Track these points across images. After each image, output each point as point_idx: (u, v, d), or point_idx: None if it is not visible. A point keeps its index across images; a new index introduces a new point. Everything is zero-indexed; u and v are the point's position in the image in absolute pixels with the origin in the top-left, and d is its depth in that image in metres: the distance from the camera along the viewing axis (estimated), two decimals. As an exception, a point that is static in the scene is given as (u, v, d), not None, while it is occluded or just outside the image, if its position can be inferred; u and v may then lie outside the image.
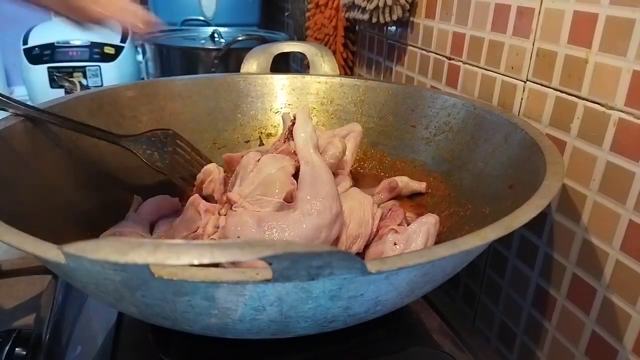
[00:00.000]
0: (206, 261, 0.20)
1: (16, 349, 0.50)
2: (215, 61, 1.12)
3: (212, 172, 0.57)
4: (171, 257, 0.20)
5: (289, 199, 0.47)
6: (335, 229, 0.45)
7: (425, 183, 0.61)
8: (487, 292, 0.65)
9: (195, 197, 0.52)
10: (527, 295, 0.58)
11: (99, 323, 0.48)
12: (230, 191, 0.51)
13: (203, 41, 1.27)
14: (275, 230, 0.43)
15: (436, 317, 0.50)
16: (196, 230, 0.49)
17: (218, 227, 0.48)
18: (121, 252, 0.20)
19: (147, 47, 1.23)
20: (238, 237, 0.43)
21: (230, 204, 0.49)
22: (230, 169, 0.60)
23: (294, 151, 0.51)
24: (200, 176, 0.57)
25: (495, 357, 0.50)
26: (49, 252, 0.29)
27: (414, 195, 0.61)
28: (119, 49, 1.44)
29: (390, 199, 0.60)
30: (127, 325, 0.47)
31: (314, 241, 0.43)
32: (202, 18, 1.49)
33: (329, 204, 0.45)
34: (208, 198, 0.57)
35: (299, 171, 0.54)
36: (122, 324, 0.47)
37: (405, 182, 0.60)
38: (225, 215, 0.50)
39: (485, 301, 0.65)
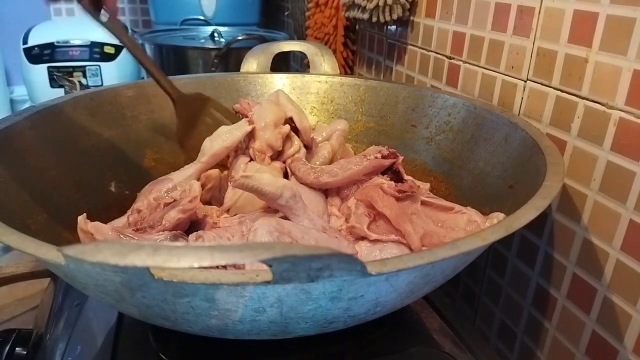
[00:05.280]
0: (206, 264, 0.20)
1: (16, 348, 0.50)
2: (215, 60, 1.12)
3: (213, 179, 0.57)
4: (171, 259, 0.20)
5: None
6: None
7: (429, 184, 0.60)
8: (487, 292, 0.65)
9: None
10: (527, 295, 0.58)
11: (99, 323, 0.48)
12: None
13: (203, 40, 1.26)
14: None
15: (436, 317, 0.50)
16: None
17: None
18: (121, 254, 0.20)
19: (146, 46, 1.23)
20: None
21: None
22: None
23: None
24: (202, 179, 0.57)
25: (495, 357, 0.50)
26: (49, 253, 0.29)
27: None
28: (119, 49, 1.44)
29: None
30: (127, 325, 0.47)
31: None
32: (202, 17, 1.49)
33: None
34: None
35: (286, 172, 0.54)
36: (122, 324, 0.47)
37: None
38: (217, 220, 0.51)
39: (486, 301, 0.65)
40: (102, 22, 0.56)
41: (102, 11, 0.56)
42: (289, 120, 0.57)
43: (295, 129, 0.57)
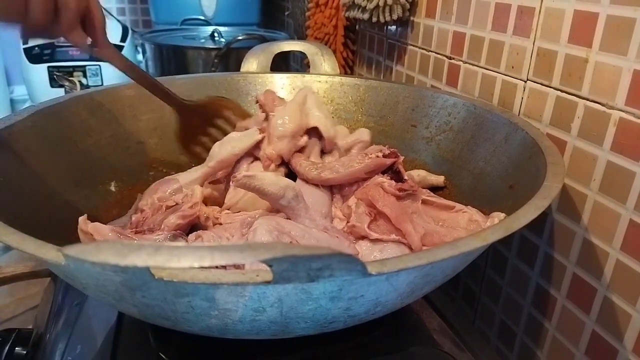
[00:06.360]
0: (207, 264, 0.20)
1: (16, 348, 0.50)
2: (216, 60, 1.12)
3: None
4: (172, 259, 0.20)
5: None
6: None
7: (443, 177, 0.59)
8: (487, 291, 0.65)
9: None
10: (527, 294, 0.58)
11: (99, 323, 0.48)
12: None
13: (203, 40, 1.27)
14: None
15: (436, 317, 0.50)
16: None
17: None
18: (121, 254, 0.20)
19: (147, 46, 1.23)
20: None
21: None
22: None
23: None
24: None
25: (495, 357, 0.50)
26: (49, 253, 0.29)
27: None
28: (119, 49, 1.43)
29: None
30: (127, 325, 0.47)
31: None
32: (202, 17, 1.49)
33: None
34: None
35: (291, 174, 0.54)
36: (122, 324, 0.47)
37: (422, 177, 0.59)
38: (219, 215, 0.50)
39: (485, 301, 0.65)
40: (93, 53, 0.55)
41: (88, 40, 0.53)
42: (311, 130, 0.56)
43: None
